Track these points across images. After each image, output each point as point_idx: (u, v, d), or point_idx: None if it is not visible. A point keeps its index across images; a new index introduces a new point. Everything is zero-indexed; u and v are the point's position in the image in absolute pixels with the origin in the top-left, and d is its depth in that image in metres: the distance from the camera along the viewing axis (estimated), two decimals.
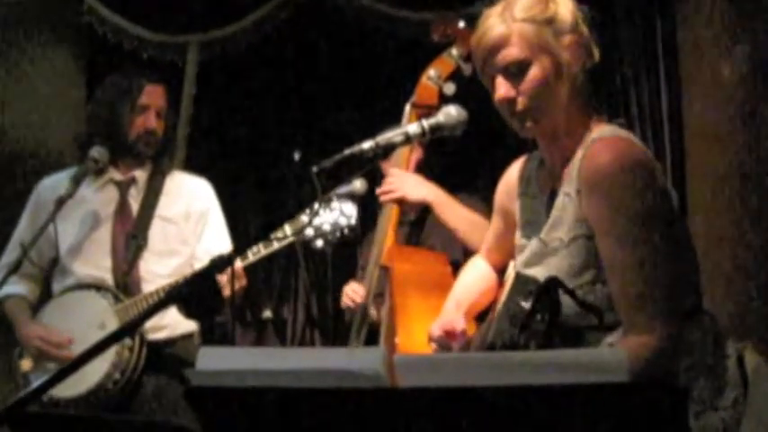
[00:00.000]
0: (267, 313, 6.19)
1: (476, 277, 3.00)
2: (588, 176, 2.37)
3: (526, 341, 2.27)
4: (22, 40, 5.53)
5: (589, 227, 2.38)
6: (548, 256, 2.46)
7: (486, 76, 2.52)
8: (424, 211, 4.01)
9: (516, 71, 2.42)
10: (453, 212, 3.74)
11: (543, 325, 2.26)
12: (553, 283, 2.31)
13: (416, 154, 4.09)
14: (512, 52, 2.42)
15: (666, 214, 2.38)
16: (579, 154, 2.43)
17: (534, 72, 2.41)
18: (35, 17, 5.58)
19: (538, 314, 2.27)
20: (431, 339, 2.82)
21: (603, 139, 2.42)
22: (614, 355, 1.65)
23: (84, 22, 5.76)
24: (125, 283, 3.90)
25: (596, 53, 2.49)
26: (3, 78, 5.42)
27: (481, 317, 2.91)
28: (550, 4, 2.44)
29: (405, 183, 3.80)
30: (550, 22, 2.42)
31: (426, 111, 3.43)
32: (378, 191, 3.86)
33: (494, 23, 2.44)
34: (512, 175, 2.79)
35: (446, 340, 2.78)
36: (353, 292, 4.10)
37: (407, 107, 3.81)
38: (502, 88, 2.45)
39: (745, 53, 4.29)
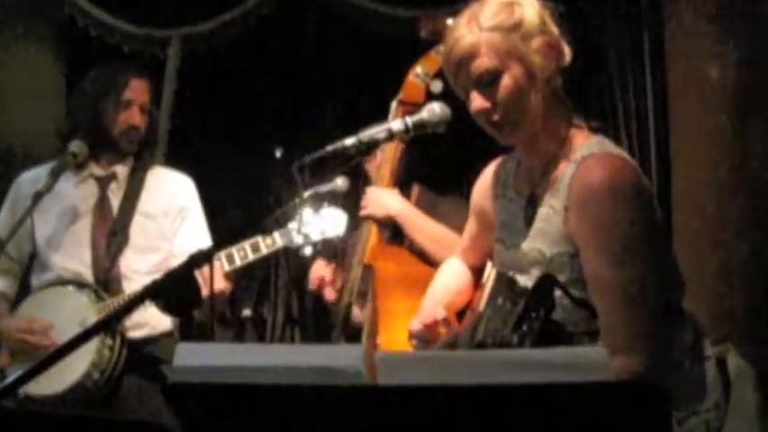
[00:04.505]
0: (247, 312, 6.18)
1: (451, 277, 3.02)
2: (578, 195, 2.38)
3: (520, 340, 2.28)
4: (2, 33, 5.52)
5: (574, 244, 2.39)
6: (529, 267, 2.46)
7: (458, 88, 2.52)
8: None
9: (488, 81, 2.43)
10: (419, 229, 3.74)
11: (538, 323, 2.27)
12: (548, 281, 2.32)
13: (399, 152, 4.09)
14: (482, 63, 2.42)
15: (654, 233, 2.39)
16: (569, 169, 2.43)
17: (506, 81, 2.42)
18: (16, 10, 5.57)
19: (532, 312, 2.28)
20: (411, 336, 2.82)
21: (594, 156, 2.42)
22: (597, 353, 1.65)
23: (65, 15, 5.75)
24: (105, 279, 3.89)
25: (568, 52, 2.49)
26: None
27: (458, 316, 2.92)
28: (516, 8, 2.44)
29: (372, 200, 3.82)
30: (517, 27, 2.42)
31: (413, 108, 3.42)
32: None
33: (462, 34, 2.44)
34: (488, 176, 2.80)
35: (427, 334, 2.78)
36: (319, 272, 4.11)
37: (394, 104, 3.81)
38: (477, 101, 2.46)
39: (734, 59, 4.30)
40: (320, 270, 4.15)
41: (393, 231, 4.09)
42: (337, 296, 4.03)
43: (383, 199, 3.81)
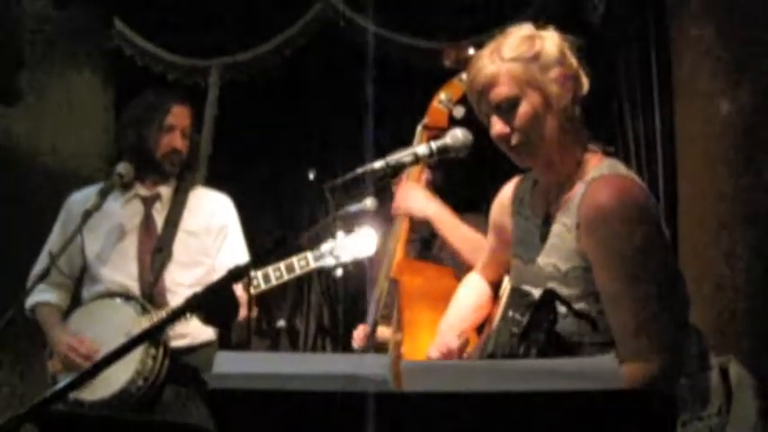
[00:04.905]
0: (281, 323, 6.21)
1: (470, 295, 3.03)
2: (588, 213, 2.39)
3: (526, 351, 2.29)
4: (56, 63, 5.58)
5: (586, 259, 2.39)
6: (545, 281, 2.47)
7: (481, 114, 2.54)
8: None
9: (507, 108, 2.45)
10: (454, 231, 3.71)
11: (542, 335, 2.28)
12: (550, 296, 2.33)
13: (425, 174, 4.09)
14: (501, 91, 2.44)
15: (660, 248, 2.39)
16: (580, 189, 2.45)
17: (524, 108, 2.44)
18: (67, 42, 5.63)
19: (536, 325, 2.29)
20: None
21: (604, 177, 2.43)
22: (608, 363, 1.66)
23: (113, 45, 5.81)
24: (151, 293, 3.92)
25: (586, 82, 2.51)
26: (37, 101, 5.46)
27: (479, 329, 2.93)
28: (536, 40, 2.46)
29: (409, 198, 3.78)
30: (536, 58, 2.44)
31: (437, 133, 3.42)
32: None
33: (484, 65, 2.47)
34: (506, 193, 2.81)
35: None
36: (359, 340, 4.16)
37: (419, 129, 3.82)
38: (497, 126, 2.47)
39: (745, 92, 4.26)
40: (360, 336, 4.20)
41: (420, 247, 4.10)
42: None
43: (421, 199, 3.77)
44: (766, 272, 4.09)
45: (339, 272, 3.87)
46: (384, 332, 3.94)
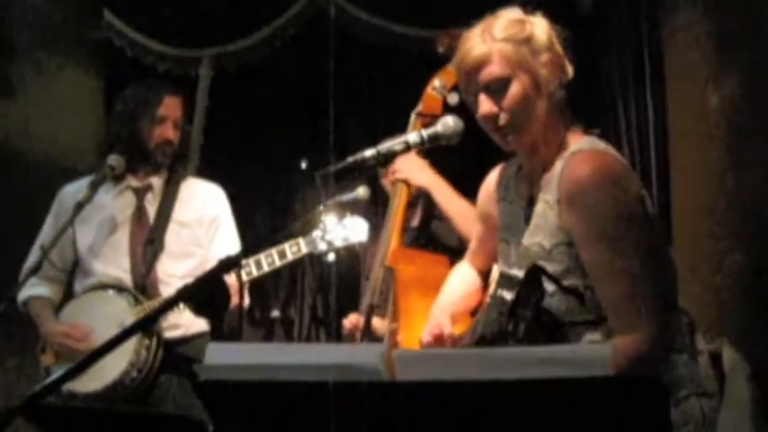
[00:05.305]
0: (275, 313, 6.21)
1: (461, 282, 3.04)
2: (568, 188, 2.40)
3: (514, 327, 2.30)
4: (46, 54, 5.55)
5: (569, 235, 2.40)
6: (531, 261, 2.47)
7: (469, 95, 2.54)
8: (427, 217, 4.01)
9: (498, 88, 2.45)
10: (451, 201, 3.73)
11: (529, 311, 2.28)
12: (536, 271, 2.34)
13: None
14: (493, 70, 2.44)
15: (643, 220, 2.40)
16: (559, 165, 2.46)
17: (515, 89, 2.44)
18: (58, 32, 5.60)
19: (524, 301, 2.30)
20: (421, 346, 2.83)
21: (583, 151, 2.44)
22: (598, 350, 1.66)
23: (103, 36, 5.79)
24: (143, 284, 3.91)
25: (570, 69, 2.52)
26: (27, 92, 5.44)
27: (471, 317, 2.92)
28: (527, 24, 2.47)
29: (410, 165, 3.77)
30: (528, 41, 2.45)
31: (431, 119, 3.42)
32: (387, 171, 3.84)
33: (475, 44, 2.47)
34: (491, 181, 2.82)
35: (435, 345, 2.80)
36: (351, 327, 4.16)
37: (413, 116, 3.81)
38: (485, 105, 2.47)
39: (733, 83, 4.26)
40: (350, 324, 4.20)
41: (413, 237, 4.10)
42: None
43: (420, 167, 3.78)
44: (759, 256, 4.09)
45: (331, 257, 3.87)
46: (378, 324, 3.94)
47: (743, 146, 4.17)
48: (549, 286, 2.39)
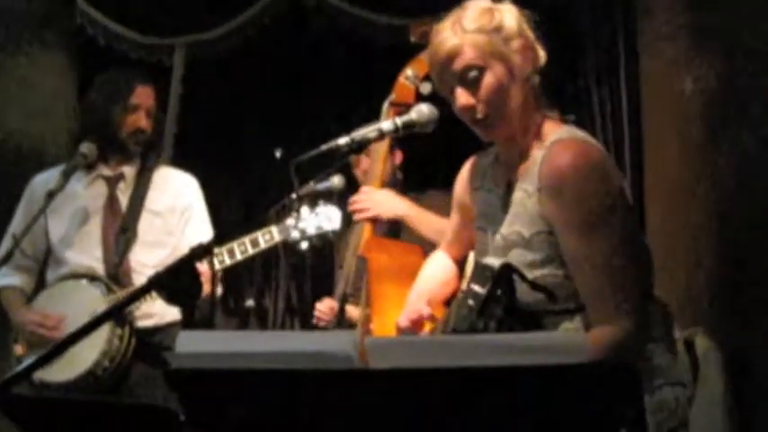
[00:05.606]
0: (249, 302, 6.20)
1: (436, 270, 3.02)
2: (548, 177, 2.40)
3: (485, 325, 2.30)
4: (17, 42, 5.50)
5: (549, 224, 2.41)
6: (509, 249, 2.47)
7: (444, 87, 2.53)
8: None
9: (472, 80, 2.44)
10: (426, 225, 3.72)
11: (500, 309, 2.29)
12: (507, 270, 2.34)
13: (398, 157, 4.13)
14: (466, 62, 2.44)
15: (622, 209, 2.41)
16: (538, 155, 2.46)
17: (489, 79, 2.44)
18: (29, 20, 5.55)
19: (495, 299, 2.30)
20: (398, 331, 2.82)
21: (563, 140, 2.45)
22: (573, 338, 1.65)
23: (75, 24, 5.74)
24: (116, 273, 3.89)
25: (543, 54, 2.52)
26: None
27: (446, 306, 2.91)
28: (496, 13, 2.47)
29: (377, 201, 3.77)
30: (498, 29, 2.44)
31: (404, 108, 3.41)
32: (349, 207, 3.84)
33: (446, 37, 2.46)
34: (466, 170, 2.81)
35: (413, 330, 2.79)
36: (324, 311, 4.14)
37: (385, 105, 3.80)
38: (462, 98, 2.47)
39: (708, 70, 4.25)
40: (324, 309, 4.19)
41: (388, 228, 4.09)
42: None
43: (387, 201, 3.78)
44: (735, 243, 4.10)
45: (304, 245, 3.86)
46: (352, 311, 3.93)
47: (718, 132, 4.17)
48: (523, 285, 2.39)
